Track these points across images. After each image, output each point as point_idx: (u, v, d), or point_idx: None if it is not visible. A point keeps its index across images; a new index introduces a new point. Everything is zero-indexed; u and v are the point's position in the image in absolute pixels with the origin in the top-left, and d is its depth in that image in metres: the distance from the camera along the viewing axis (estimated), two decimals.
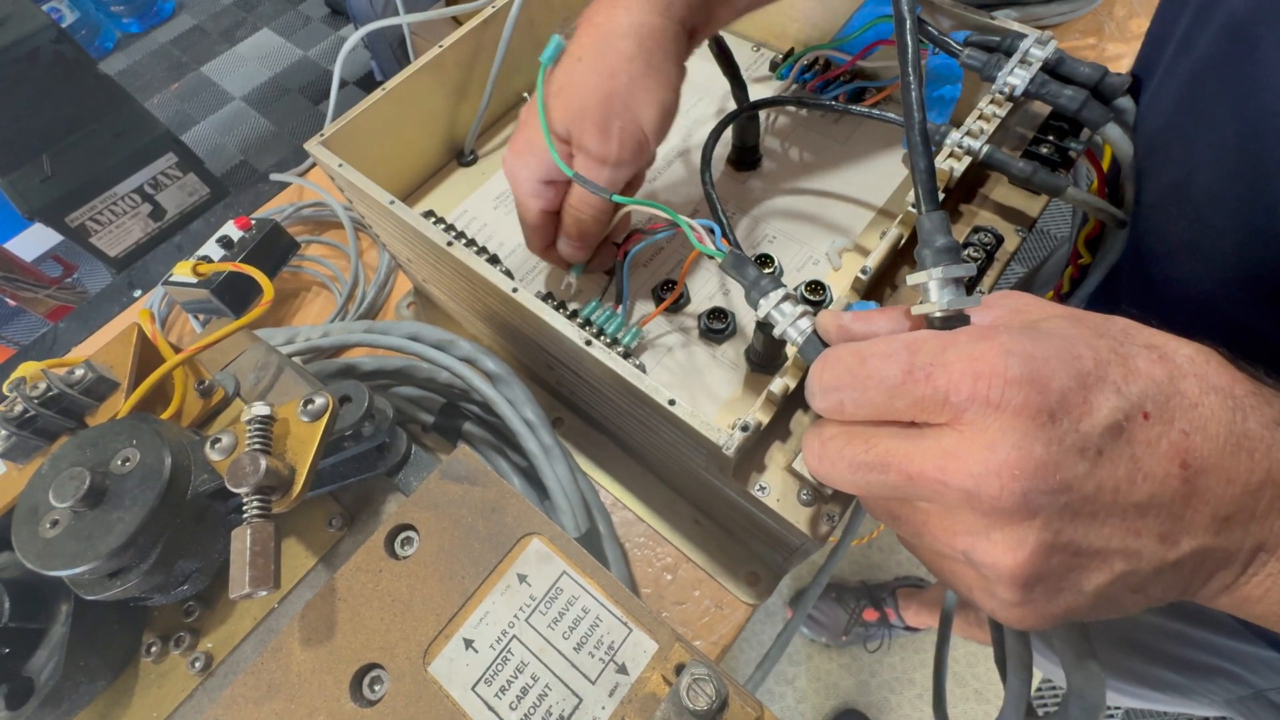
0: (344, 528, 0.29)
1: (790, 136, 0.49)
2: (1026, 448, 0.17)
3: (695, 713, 0.20)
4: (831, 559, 0.45)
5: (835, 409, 0.21)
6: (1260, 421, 0.18)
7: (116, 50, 2.27)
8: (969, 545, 0.19)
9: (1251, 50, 0.25)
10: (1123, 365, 0.18)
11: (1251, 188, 0.26)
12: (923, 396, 0.18)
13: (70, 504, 0.23)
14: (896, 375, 0.19)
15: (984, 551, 0.18)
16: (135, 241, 1.43)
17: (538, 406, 0.35)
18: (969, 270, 0.23)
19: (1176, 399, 0.18)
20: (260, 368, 0.33)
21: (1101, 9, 0.62)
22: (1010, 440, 0.17)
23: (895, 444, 0.19)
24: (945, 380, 0.18)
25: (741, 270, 0.33)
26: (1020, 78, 0.36)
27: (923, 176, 0.24)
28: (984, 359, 0.18)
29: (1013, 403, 0.17)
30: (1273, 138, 0.24)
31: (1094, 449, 0.17)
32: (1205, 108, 0.29)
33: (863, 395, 0.20)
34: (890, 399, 0.19)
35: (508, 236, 0.48)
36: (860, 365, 0.20)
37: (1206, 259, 0.29)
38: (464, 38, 0.47)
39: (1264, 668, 0.37)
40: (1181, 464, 0.17)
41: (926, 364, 0.19)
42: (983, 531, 0.18)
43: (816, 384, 0.22)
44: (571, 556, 0.25)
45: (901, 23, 0.24)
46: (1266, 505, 0.18)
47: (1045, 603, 0.19)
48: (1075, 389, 0.17)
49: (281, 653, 0.24)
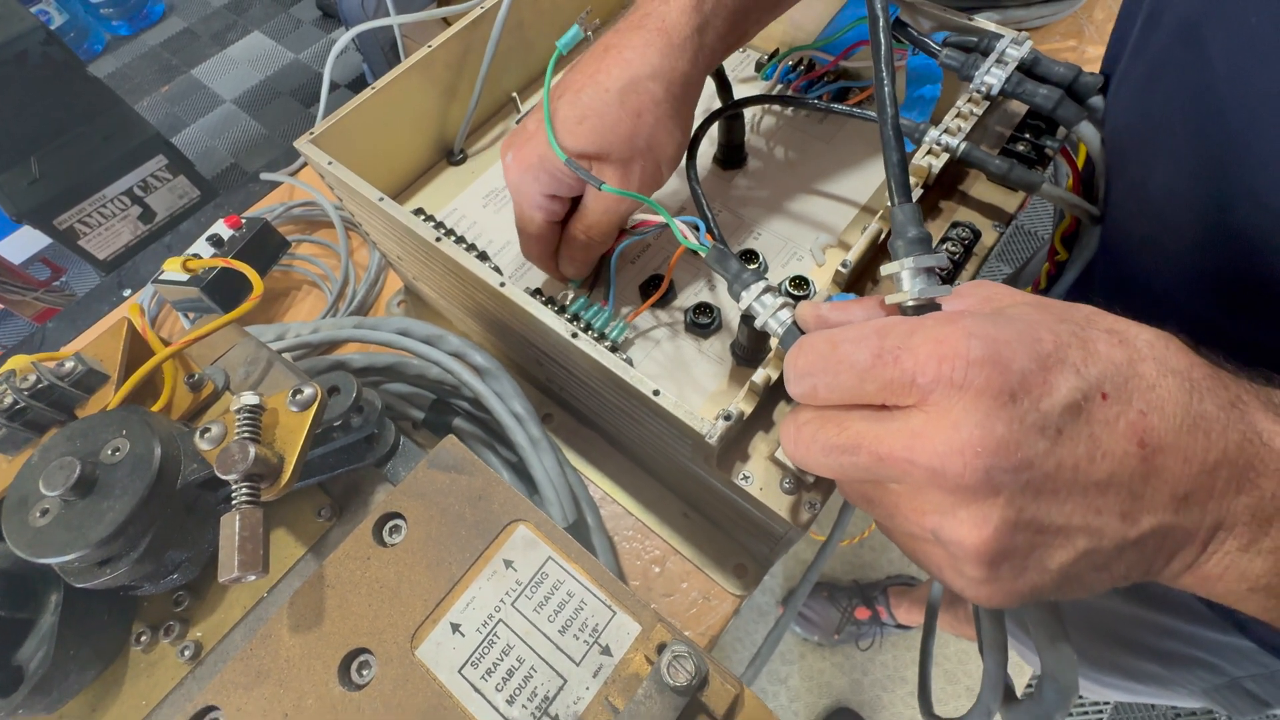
0: (333, 518, 0.29)
1: (775, 136, 0.50)
2: (989, 426, 0.17)
3: (676, 689, 0.20)
4: (820, 557, 0.46)
5: (809, 394, 0.22)
6: (1216, 403, 0.19)
7: (105, 53, 2.26)
8: (936, 524, 0.19)
9: (1200, 51, 0.26)
10: (1083, 348, 0.18)
11: (1204, 186, 0.26)
12: (891, 379, 0.19)
13: (60, 493, 0.23)
14: (866, 359, 0.20)
15: (950, 529, 0.19)
16: (125, 244, 1.42)
17: (526, 400, 0.35)
18: (940, 260, 0.23)
19: (1135, 380, 0.18)
20: (250, 362, 0.33)
21: (1081, 12, 0.63)
22: (973, 419, 0.18)
23: (865, 426, 0.20)
24: (912, 363, 0.19)
25: (724, 264, 0.33)
26: (997, 77, 0.37)
27: (895, 170, 0.25)
28: (948, 342, 0.18)
29: (975, 383, 0.18)
30: (1222, 137, 0.25)
31: (1054, 428, 0.18)
32: (1159, 109, 0.29)
33: (834, 379, 0.21)
34: (860, 382, 0.20)
35: (497, 234, 0.48)
36: (832, 351, 0.21)
37: (1166, 255, 0.30)
38: (453, 38, 0.47)
39: (1239, 656, 0.38)
40: (1139, 443, 0.18)
41: (894, 348, 0.19)
42: (949, 510, 0.19)
43: (792, 370, 0.22)
44: (557, 542, 0.25)
45: (875, 20, 0.25)
46: (1223, 484, 0.18)
47: (1012, 580, 0.19)
48: (1035, 370, 0.18)
49: (270, 639, 0.24)
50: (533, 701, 0.22)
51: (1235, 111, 0.24)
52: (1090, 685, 0.59)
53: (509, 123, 0.53)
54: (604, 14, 0.58)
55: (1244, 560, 0.19)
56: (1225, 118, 0.25)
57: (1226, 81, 0.24)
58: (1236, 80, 0.24)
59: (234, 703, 0.23)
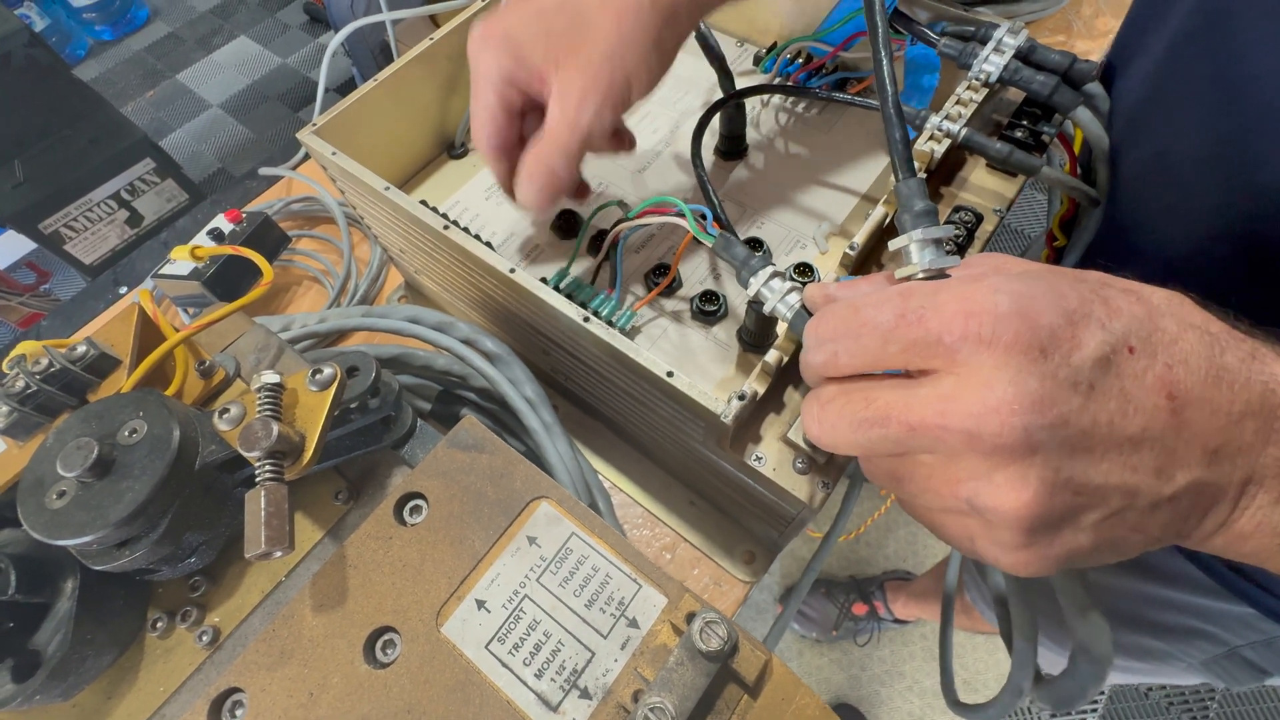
0: (350, 501, 0.29)
1: (775, 127, 0.50)
2: (1022, 383, 0.17)
3: (708, 654, 0.20)
4: (820, 554, 0.46)
5: (831, 361, 0.21)
6: (1237, 356, 0.19)
7: (89, 58, 2.24)
8: (972, 491, 0.19)
9: (1226, 21, 0.26)
10: (1104, 304, 0.18)
11: (1231, 148, 0.27)
12: (916, 339, 0.19)
13: (78, 474, 0.23)
14: (889, 320, 0.19)
15: (988, 495, 0.18)
16: (111, 248, 1.41)
17: (538, 385, 0.36)
18: (947, 231, 0.23)
19: (1158, 334, 0.18)
20: (260, 349, 0.33)
21: (1070, 7, 0.65)
22: (1006, 376, 0.17)
23: (894, 395, 0.20)
24: (937, 321, 0.19)
25: (731, 251, 0.34)
26: (995, 64, 0.38)
27: (898, 146, 0.25)
28: (974, 298, 0.18)
29: (1004, 338, 0.18)
30: (1250, 103, 0.25)
31: (1086, 383, 0.18)
32: (1183, 78, 0.30)
33: (857, 343, 0.20)
34: (884, 345, 0.20)
35: (500, 226, 0.48)
36: (854, 314, 0.21)
37: (1188, 222, 0.30)
38: (454, 30, 0.47)
39: (1239, 625, 0.39)
40: (1168, 395, 0.18)
41: (919, 307, 0.19)
42: (985, 475, 0.18)
43: (813, 337, 0.22)
44: (580, 518, 0.25)
45: (870, 5, 0.26)
46: (1251, 436, 0.18)
47: (1049, 544, 0.19)
48: (1063, 324, 0.18)
49: (293, 619, 0.24)
50: (561, 674, 0.22)
51: (1266, 78, 0.25)
52: None
53: None
54: None
55: (1276, 514, 0.19)
56: (1252, 84, 0.25)
57: (1255, 48, 0.25)
58: (1265, 47, 0.24)
59: (258, 683, 0.23)
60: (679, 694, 0.20)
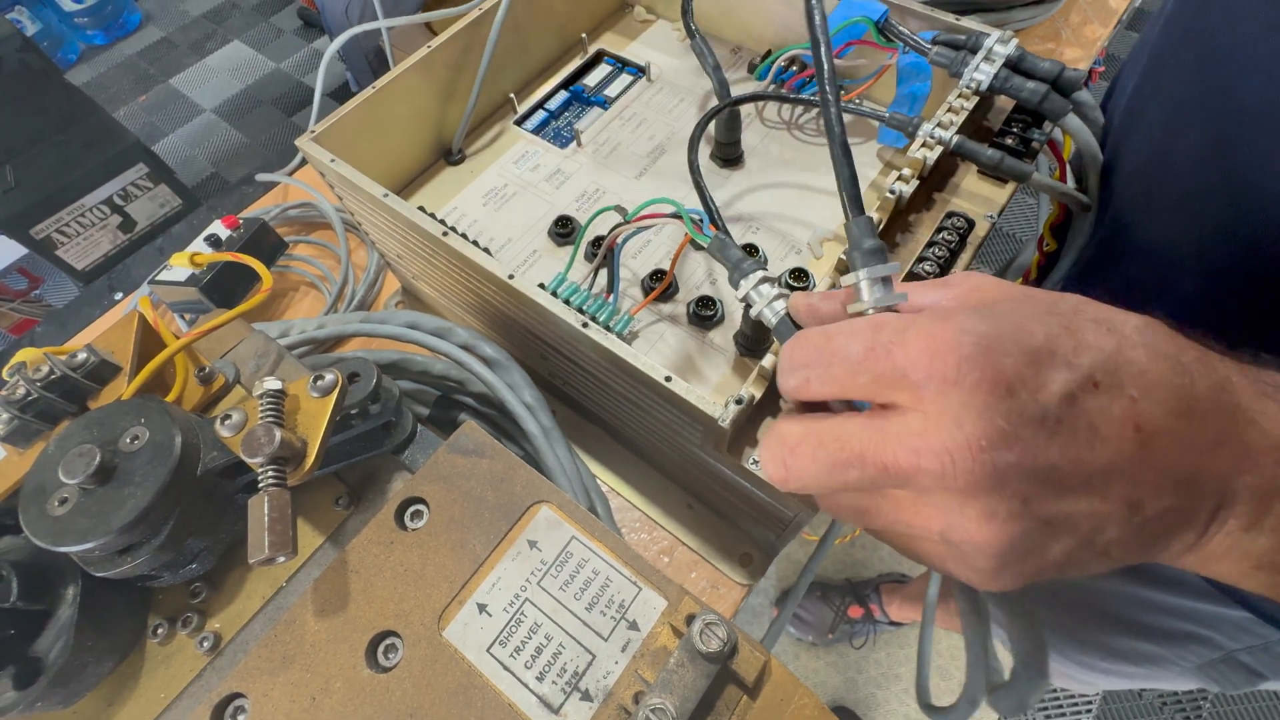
0: (350, 506, 0.29)
1: (770, 133, 0.51)
2: (989, 420, 0.18)
3: (708, 655, 0.21)
4: (815, 558, 0.46)
5: (801, 387, 0.22)
6: (1208, 385, 0.19)
7: (80, 62, 2.23)
8: (945, 525, 0.19)
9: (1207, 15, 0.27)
10: (1072, 339, 0.19)
11: (1225, 145, 0.27)
12: (883, 372, 0.19)
13: (80, 480, 0.23)
14: (859, 351, 0.20)
15: (959, 529, 0.19)
16: (104, 254, 1.40)
17: (536, 390, 0.36)
18: (894, 269, 0.24)
19: (1125, 366, 0.18)
20: (260, 355, 0.33)
21: (1059, 16, 0.66)
22: (973, 414, 0.18)
23: (866, 436, 0.20)
24: (904, 357, 0.19)
25: (725, 253, 0.34)
26: (985, 73, 0.38)
27: (847, 186, 0.25)
28: (940, 337, 0.19)
29: (969, 379, 0.18)
30: (1241, 99, 0.26)
31: (1053, 418, 0.18)
32: (1177, 79, 0.30)
33: (827, 371, 0.21)
34: (853, 375, 0.20)
35: (498, 232, 0.48)
36: (826, 343, 0.21)
37: (1189, 217, 0.30)
38: (452, 38, 0.48)
39: (1234, 629, 0.39)
40: (1135, 428, 0.18)
41: (887, 341, 0.19)
42: (956, 509, 0.19)
43: (787, 362, 0.22)
44: (580, 522, 0.25)
45: (816, 44, 0.26)
46: (1223, 465, 0.19)
47: (1019, 566, 0.19)
48: (1028, 364, 0.18)
49: (295, 624, 0.24)
50: (562, 677, 0.23)
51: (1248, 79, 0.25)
52: (1081, 673, 0.60)
53: (506, 123, 0.54)
54: (595, 19, 0.59)
55: (1247, 539, 0.19)
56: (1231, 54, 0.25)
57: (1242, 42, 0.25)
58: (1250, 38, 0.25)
59: (260, 688, 0.23)
60: (679, 695, 0.20)
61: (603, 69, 0.56)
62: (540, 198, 0.49)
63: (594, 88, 0.54)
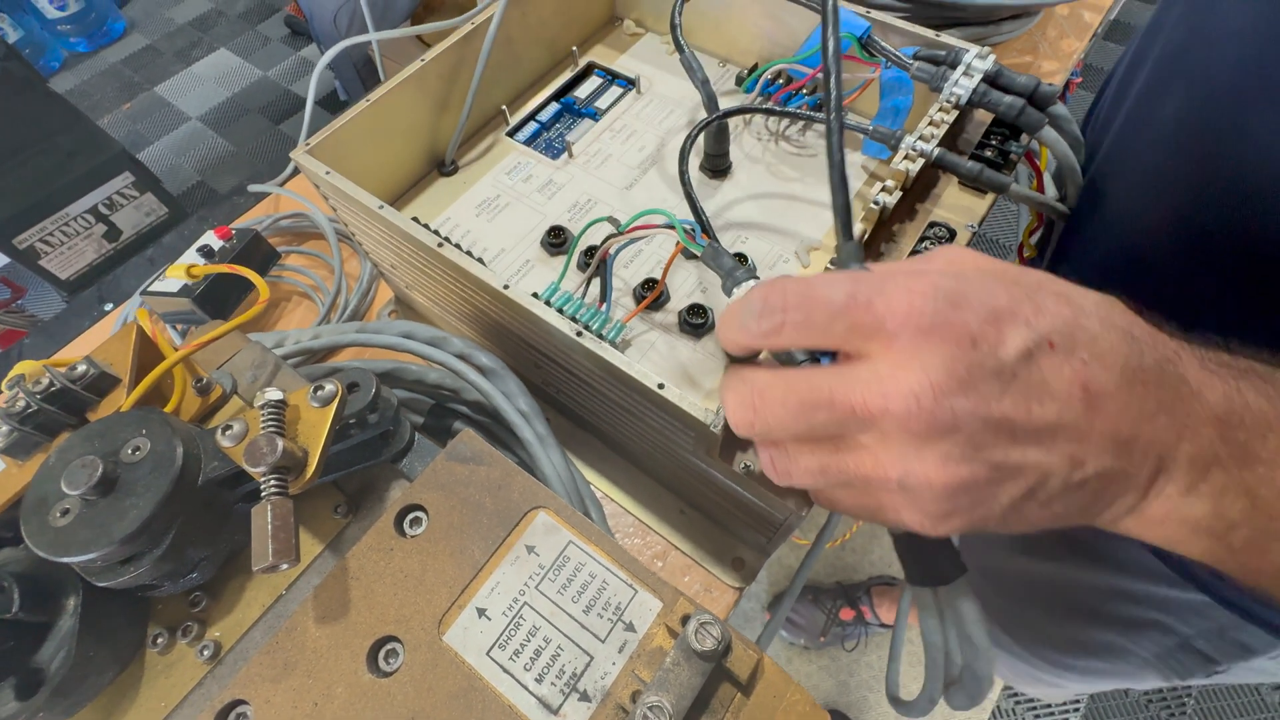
0: (348, 515, 0.30)
1: (758, 145, 0.52)
2: (953, 368, 0.19)
3: (702, 654, 0.21)
4: (807, 562, 0.47)
5: (774, 330, 0.22)
6: (1155, 357, 0.20)
7: (63, 70, 2.21)
8: (904, 471, 0.20)
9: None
10: (1033, 305, 0.20)
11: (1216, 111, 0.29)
12: (861, 322, 0.20)
13: (82, 491, 0.23)
14: (840, 299, 0.21)
15: (916, 473, 0.20)
16: (88, 263, 1.39)
17: (531, 398, 0.36)
18: None
19: (1080, 333, 0.20)
20: (257, 366, 0.33)
21: (1035, 30, 0.68)
22: (939, 362, 0.19)
23: (836, 381, 0.21)
24: (884, 307, 0.20)
25: (719, 261, 0.35)
26: (965, 87, 0.40)
27: (841, 212, 0.27)
28: (917, 291, 0.20)
29: (939, 329, 0.19)
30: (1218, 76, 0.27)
31: (1009, 372, 0.19)
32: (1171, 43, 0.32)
33: (806, 317, 0.21)
34: (830, 321, 0.21)
35: (491, 242, 0.49)
36: (808, 289, 0.22)
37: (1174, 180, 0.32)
38: (446, 51, 0.48)
39: (1190, 613, 0.41)
40: (1083, 388, 0.20)
41: (867, 292, 0.21)
42: (914, 454, 0.20)
43: (760, 303, 0.22)
44: (576, 526, 0.26)
45: (828, 74, 0.28)
46: (1163, 432, 0.20)
47: (967, 513, 0.21)
48: (991, 321, 0.20)
49: (296, 631, 0.24)
50: (561, 679, 0.23)
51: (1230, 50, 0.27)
52: (1048, 672, 0.61)
53: (498, 134, 0.54)
54: (585, 32, 0.60)
55: (1185, 505, 0.21)
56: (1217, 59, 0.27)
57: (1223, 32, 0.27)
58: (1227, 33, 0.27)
59: (262, 695, 0.23)
60: (676, 693, 0.21)
61: (593, 81, 0.57)
62: (533, 208, 0.50)
63: (585, 100, 0.55)
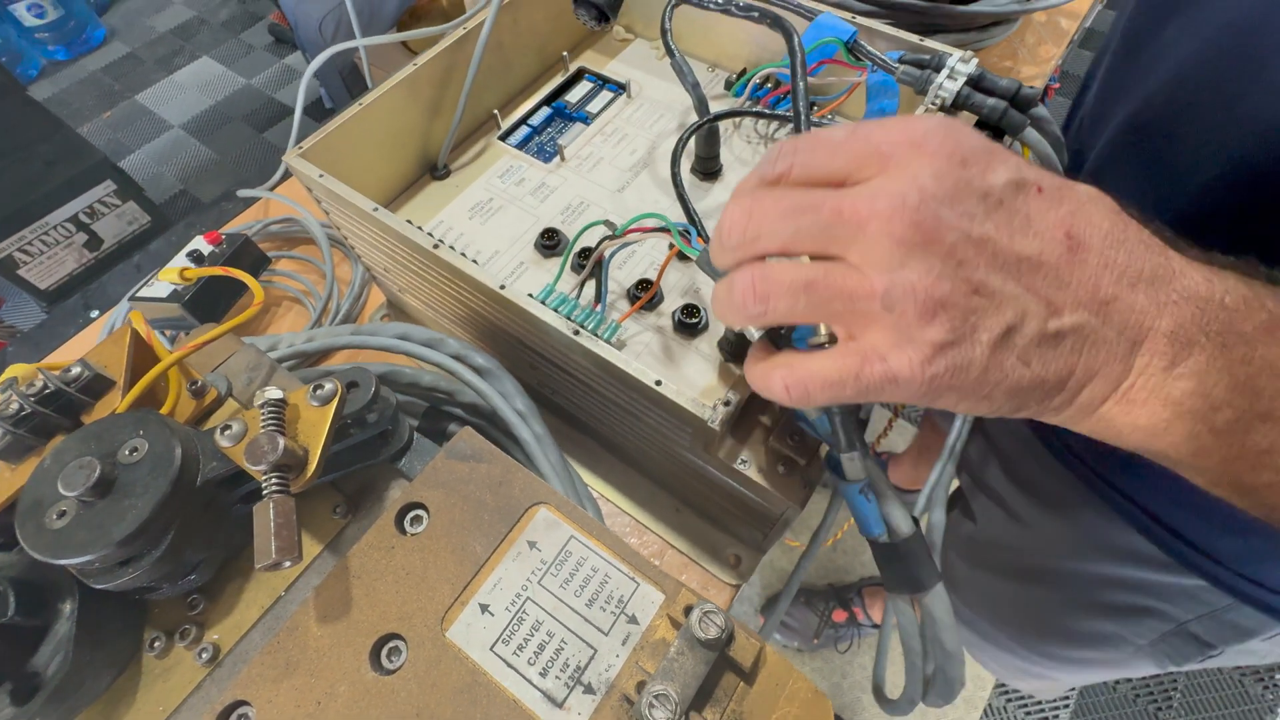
0: (348, 515, 0.30)
1: (748, 148, 0.53)
2: (942, 179, 0.20)
3: (706, 642, 0.21)
4: (801, 565, 0.48)
5: (786, 170, 0.23)
6: (1140, 238, 0.21)
7: (41, 78, 2.18)
8: (888, 284, 0.20)
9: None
10: (1025, 162, 0.21)
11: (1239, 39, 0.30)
12: (861, 152, 0.22)
13: (79, 493, 0.23)
14: (842, 135, 0.22)
15: (900, 282, 0.20)
16: (69, 273, 1.36)
17: (528, 398, 0.37)
18: None
19: (1067, 190, 0.21)
20: (251, 369, 0.33)
21: (1015, 36, 0.70)
22: (929, 172, 0.20)
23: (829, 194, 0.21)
24: (881, 135, 0.21)
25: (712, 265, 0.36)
26: (949, 90, 0.41)
27: None
28: (914, 122, 0.22)
29: (931, 145, 0.20)
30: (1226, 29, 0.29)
31: (994, 198, 0.20)
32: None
33: (811, 155, 0.22)
34: (832, 156, 0.22)
35: (485, 245, 0.49)
36: (814, 135, 0.23)
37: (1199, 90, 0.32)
38: (437, 56, 0.49)
39: (1185, 598, 0.41)
40: (1066, 234, 0.20)
41: (869, 127, 0.22)
42: (899, 263, 0.20)
43: (776, 152, 0.23)
44: (578, 521, 0.26)
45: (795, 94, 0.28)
46: (1143, 303, 0.20)
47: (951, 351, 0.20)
48: (984, 152, 0.21)
49: (298, 631, 0.24)
50: (565, 672, 0.23)
51: None
52: (1042, 665, 0.62)
53: (490, 138, 0.55)
54: (575, 37, 0.61)
55: (1168, 381, 0.20)
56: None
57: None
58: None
59: (264, 695, 0.23)
60: (681, 681, 0.21)
61: (584, 86, 0.57)
62: (525, 211, 0.50)
63: (576, 104, 0.56)
